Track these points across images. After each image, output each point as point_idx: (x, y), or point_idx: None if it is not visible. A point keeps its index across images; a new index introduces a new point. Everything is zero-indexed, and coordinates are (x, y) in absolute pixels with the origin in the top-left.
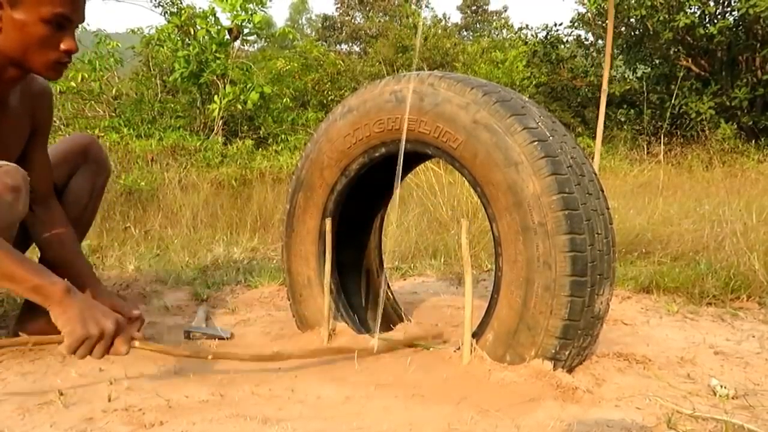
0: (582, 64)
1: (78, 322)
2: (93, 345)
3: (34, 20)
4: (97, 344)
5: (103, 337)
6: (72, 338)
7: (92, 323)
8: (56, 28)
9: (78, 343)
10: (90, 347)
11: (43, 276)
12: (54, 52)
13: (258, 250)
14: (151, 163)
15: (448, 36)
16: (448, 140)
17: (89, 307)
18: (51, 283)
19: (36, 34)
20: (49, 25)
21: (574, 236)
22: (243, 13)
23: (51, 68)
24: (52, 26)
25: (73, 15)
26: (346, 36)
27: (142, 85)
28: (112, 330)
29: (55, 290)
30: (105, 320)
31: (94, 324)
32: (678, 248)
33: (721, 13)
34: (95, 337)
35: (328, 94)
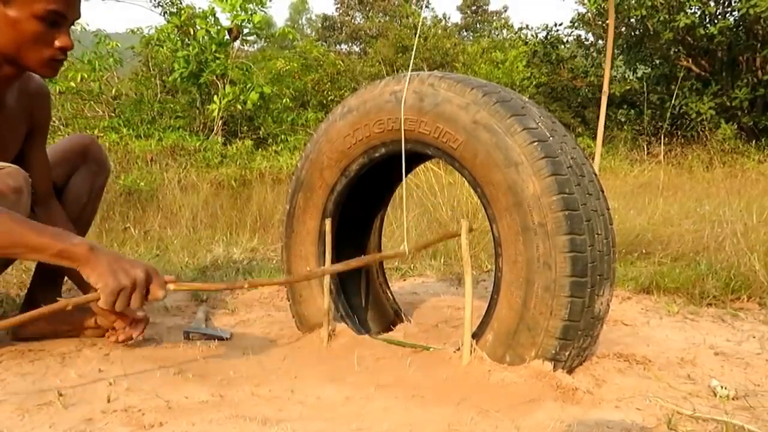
0: (582, 65)
1: (110, 275)
2: (129, 295)
3: (27, 17)
4: (133, 294)
5: (136, 286)
6: (107, 292)
7: (123, 274)
8: (50, 24)
9: (114, 296)
10: (127, 298)
11: (65, 239)
12: (48, 50)
13: (258, 251)
14: (150, 163)
15: (448, 36)
16: (448, 141)
17: (117, 260)
18: (73, 245)
19: (29, 31)
20: (43, 22)
21: (574, 237)
22: (243, 13)
23: (46, 65)
24: (46, 23)
25: (67, 12)
26: (345, 36)
27: (142, 86)
28: (143, 277)
29: (80, 251)
30: (135, 269)
31: (125, 275)
32: (678, 249)
33: (721, 14)
34: (129, 287)
35: (327, 94)
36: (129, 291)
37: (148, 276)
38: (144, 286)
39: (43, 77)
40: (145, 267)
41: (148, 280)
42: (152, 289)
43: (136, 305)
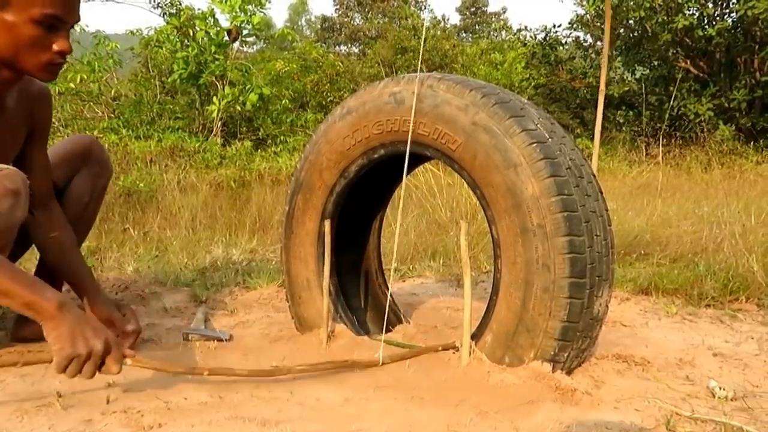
0: (581, 66)
1: (67, 340)
2: (82, 364)
3: (24, 21)
4: (86, 363)
5: (91, 356)
6: (60, 356)
7: (81, 342)
8: (47, 29)
9: (66, 362)
10: (79, 366)
11: (37, 291)
12: (46, 54)
13: (257, 252)
14: (149, 164)
15: (447, 37)
16: (447, 142)
17: (80, 324)
18: (44, 299)
19: (26, 35)
20: (40, 26)
21: (572, 238)
22: (242, 15)
23: (44, 69)
24: (43, 27)
25: (65, 15)
26: (345, 37)
27: (141, 87)
28: (100, 350)
29: (48, 306)
30: (95, 339)
31: (83, 343)
32: (677, 250)
33: (719, 15)
34: (83, 356)
35: (327, 95)
36: (83, 360)
37: (107, 348)
38: (99, 358)
39: (43, 81)
40: (106, 338)
41: (105, 352)
42: (108, 361)
43: (86, 376)
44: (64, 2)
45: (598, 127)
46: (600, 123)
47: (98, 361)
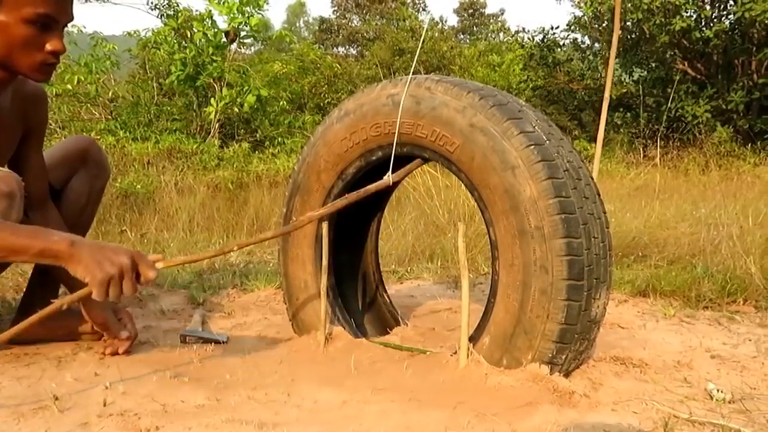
0: (578, 68)
1: (95, 267)
2: (120, 283)
3: (16, 21)
4: (123, 281)
5: (124, 272)
6: (96, 284)
7: (108, 263)
8: (40, 28)
9: (105, 286)
10: (118, 286)
11: (43, 237)
12: (39, 54)
13: (254, 254)
14: (147, 166)
15: (445, 39)
16: (445, 144)
17: (100, 249)
18: (53, 242)
19: (19, 35)
20: (33, 26)
21: (570, 240)
22: (240, 16)
23: (37, 70)
24: (36, 27)
25: (58, 15)
26: (343, 39)
27: (139, 88)
28: (129, 263)
29: (61, 247)
30: (119, 256)
31: (110, 263)
32: (675, 252)
33: (717, 17)
34: (117, 275)
35: (324, 96)
36: (118, 278)
37: (134, 260)
38: (132, 271)
39: (36, 81)
40: (130, 252)
41: (134, 265)
42: (142, 271)
43: (129, 292)
44: (56, 1)
45: (601, 133)
46: (603, 127)
47: (133, 275)
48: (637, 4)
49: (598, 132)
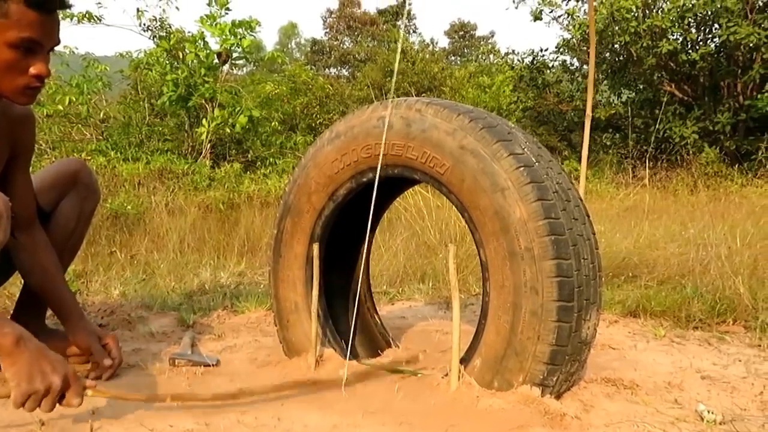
0: (568, 89)
1: (25, 377)
2: (40, 399)
3: (0, 45)
4: (44, 399)
5: (50, 392)
6: (17, 393)
7: (39, 378)
8: (24, 52)
9: (24, 398)
10: (37, 401)
11: None
12: (23, 77)
13: (245, 275)
14: (138, 186)
15: (436, 61)
16: (436, 166)
17: (38, 360)
18: (1, 335)
19: (2, 59)
20: (17, 50)
21: (560, 261)
22: (232, 38)
23: (21, 93)
24: (20, 51)
25: (42, 39)
26: (334, 60)
27: (130, 109)
28: (58, 386)
29: (4, 342)
30: (53, 375)
31: (41, 379)
32: (664, 272)
33: (702, 40)
34: (41, 392)
35: (316, 117)
36: (41, 395)
37: (66, 383)
38: (58, 394)
39: (20, 105)
40: (66, 372)
41: (65, 387)
42: (68, 396)
43: (45, 411)
44: (41, 26)
45: (585, 152)
46: (587, 149)
47: (56, 397)
48: (624, 27)
49: (582, 152)
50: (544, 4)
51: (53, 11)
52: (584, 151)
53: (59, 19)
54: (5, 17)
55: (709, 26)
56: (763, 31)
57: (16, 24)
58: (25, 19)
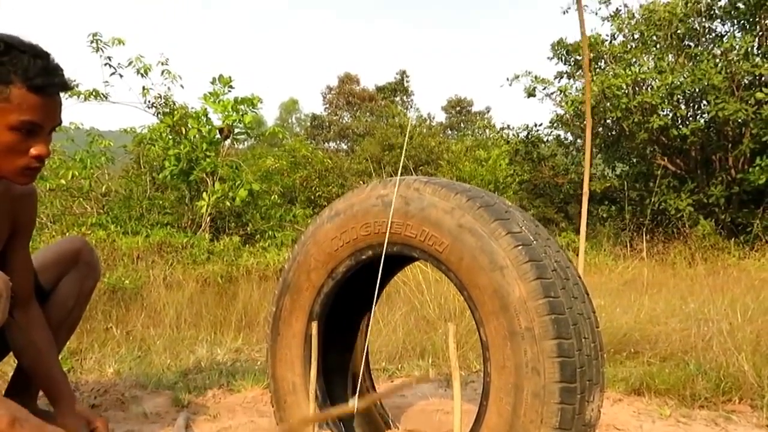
0: (563, 162)
1: None
2: None
3: (1, 127)
4: None
5: None
6: None
7: None
8: (26, 134)
9: None
10: None
11: None
12: (23, 158)
13: (242, 351)
14: (136, 260)
15: (433, 135)
16: (434, 244)
17: None
18: None
19: (2, 141)
20: (18, 132)
21: (561, 341)
22: (234, 114)
23: (20, 174)
24: (21, 132)
25: (43, 121)
26: (334, 134)
27: (132, 182)
28: None
29: None
30: None
31: None
32: (666, 348)
33: (692, 116)
34: None
35: (315, 190)
36: None
37: None
38: None
39: (19, 185)
40: None
41: None
42: None
43: None
44: (42, 108)
45: (583, 231)
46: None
47: None
48: (615, 103)
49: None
50: (537, 82)
51: (55, 94)
52: (582, 234)
53: (61, 100)
54: (7, 101)
55: (697, 102)
56: (750, 108)
57: (17, 108)
58: (27, 102)
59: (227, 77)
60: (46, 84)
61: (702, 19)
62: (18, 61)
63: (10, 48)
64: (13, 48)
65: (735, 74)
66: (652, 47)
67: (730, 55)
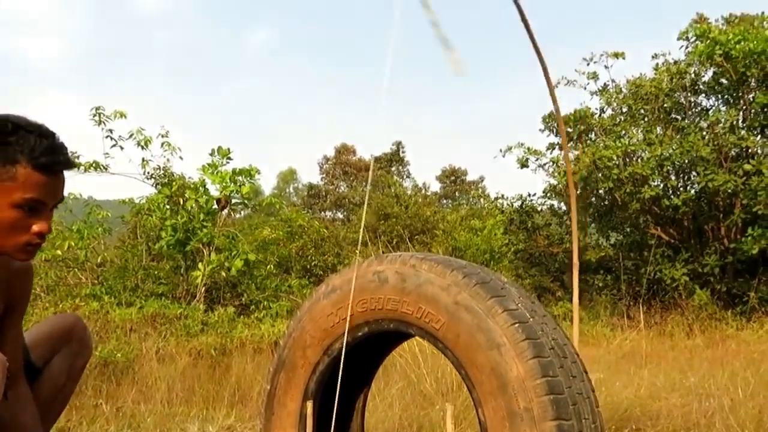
0: (557, 232)
1: None
2: None
3: (4, 205)
4: None
5: None
6: None
7: None
8: (28, 211)
9: None
10: None
11: None
12: (24, 235)
13: (234, 429)
14: (129, 333)
15: (428, 204)
16: (431, 321)
17: None
18: None
19: (5, 218)
20: (21, 209)
21: (561, 422)
22: (232, 185)
23: (21, 251)
24: (24, 210)
25: (47, 199)
26: (330, 203)
27: (128, 252)
28: None
29: None
30: None
31: None
32: (668, 424)
33: (683, 186)
34: None
35: (311, 259)
36: None
37: None
38: None
39: (18, 261)
40: None
41: None
42: None
43: None
44: (46, 186)
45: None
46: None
47: None
48: (607, 174)
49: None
50: (530, 153)
51: (59, 172)
52: (575, 313)
53: (65, 178)
54: (12, 180)
55: (687, 173)
56: (738, 179)
57: (22, 186)
58: (31, 180)
59: (226, 149)
60: (51, 163)
61: (687, 94)
62: (25, 141)
63: (18, 128)
64: (20, 128)
65: (722, 146)
66: (640, 120)
67: (716, 128)
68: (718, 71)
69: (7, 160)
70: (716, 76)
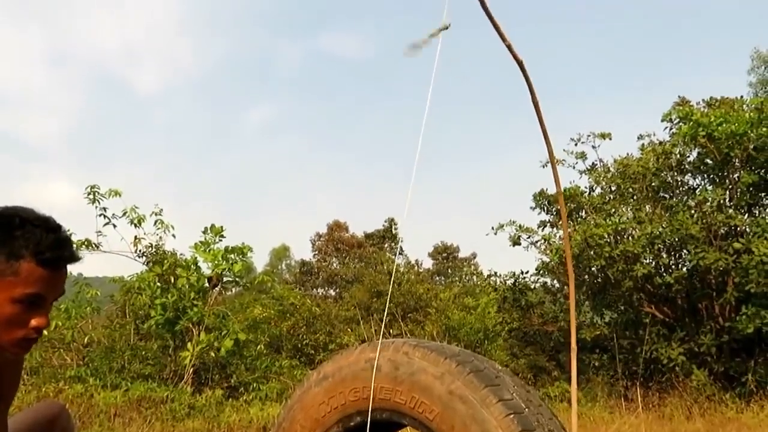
0: (551, 310)
1: None
2: None
3: (5, 300)
4: None
5: None
6: None
7: None
8: (28, 306)
9: None
10: None
11: None
12: (22, 330)
13: None
14: (113, 418)
15: (421, 281)
16: (424, 411)
17: None
18: None
19: (4, 314)
20: (20, 304)
21: None
22: (224, 263)
23: (17, 345)
24: (24, 305)
25: (47, 293)
26: (322, 281)
27: (115, 332)
28: None
29: None
30: None
31: None
32: None
33: (674, 264)
34: None
35: (303, 338)
36: None
37: None
38: None
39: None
40: None
41: None
42: None
43: None
44: (49, 281)
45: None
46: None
47: None
48: (599, 252)
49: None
50: (522, 231)
51: (62, 267)
52: (573, 406)
53: (67, 272)
54: (15, 275)
55: (678, 251)
56: (729, 257)
57: (24, 281)
58: (34, 275)
59: (219, 227)
60: (56, 258)
61: (674, 173)
62: (31, 236)
63: (25, 222)
64: (27, 222)
65: (711, 225)
66: (629, 198)
67: (704, 207)
68: (702, 152)
69: (11, 255)
70: (701, 156)
